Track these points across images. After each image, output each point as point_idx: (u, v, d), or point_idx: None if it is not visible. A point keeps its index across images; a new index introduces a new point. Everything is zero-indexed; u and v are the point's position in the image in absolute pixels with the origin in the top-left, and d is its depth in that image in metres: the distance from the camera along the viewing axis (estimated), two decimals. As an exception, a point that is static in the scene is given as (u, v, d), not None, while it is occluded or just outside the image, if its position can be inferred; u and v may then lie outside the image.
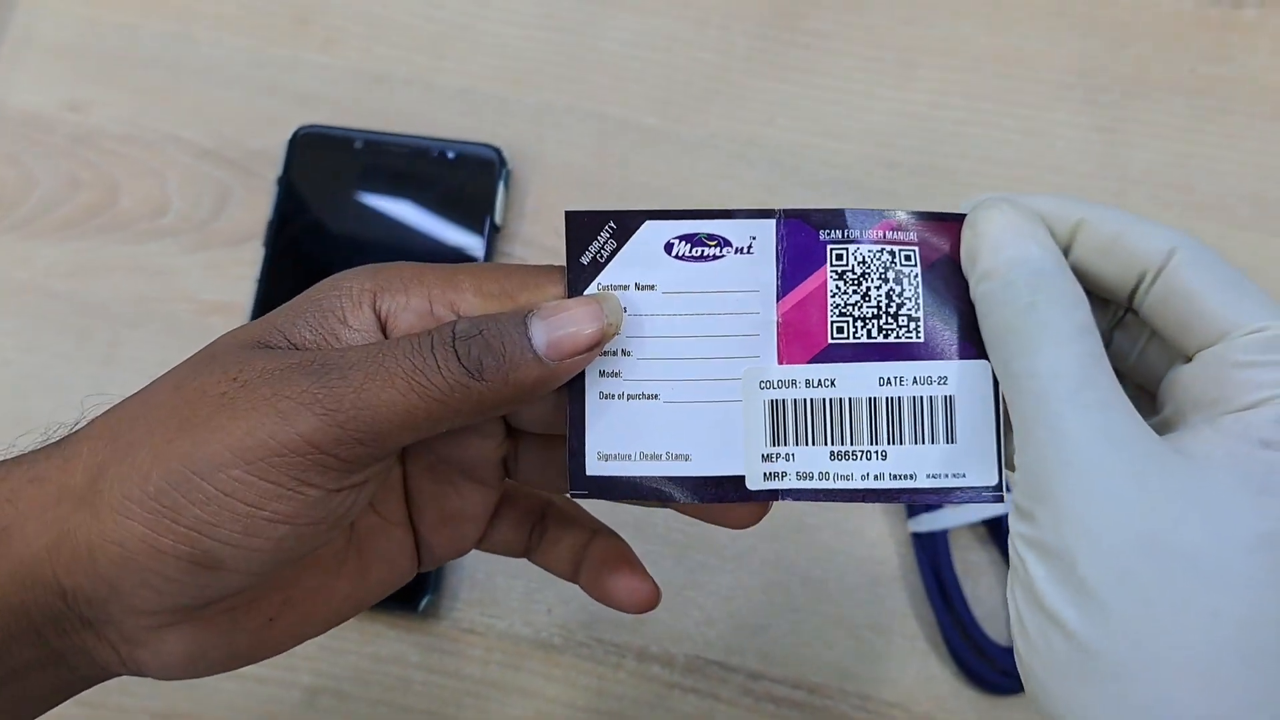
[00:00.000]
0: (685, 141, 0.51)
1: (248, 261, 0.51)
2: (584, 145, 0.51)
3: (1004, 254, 0.25)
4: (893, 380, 0.27)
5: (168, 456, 0.24)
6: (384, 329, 0.27)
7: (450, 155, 0.51)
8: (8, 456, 0.27)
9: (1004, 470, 0.26)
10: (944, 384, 0.27)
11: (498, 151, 0.50)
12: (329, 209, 0.51)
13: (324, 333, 0.26)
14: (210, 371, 0.26)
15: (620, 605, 0.32)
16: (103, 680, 0.28)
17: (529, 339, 0.25)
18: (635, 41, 0.53)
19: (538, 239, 0.51)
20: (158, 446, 0.24)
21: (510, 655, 0.46)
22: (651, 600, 0.31)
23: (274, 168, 0.51)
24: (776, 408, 0.27)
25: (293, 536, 0.25)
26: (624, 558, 0.32)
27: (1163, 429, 0.26)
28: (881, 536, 0.46)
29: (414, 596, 0.45)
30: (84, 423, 0.27)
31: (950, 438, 0.27)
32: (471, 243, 0.49)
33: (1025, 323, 0.24)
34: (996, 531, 0.45)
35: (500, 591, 0.46)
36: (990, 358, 0.26)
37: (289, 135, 0.51)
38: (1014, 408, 0.24)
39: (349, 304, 0.27)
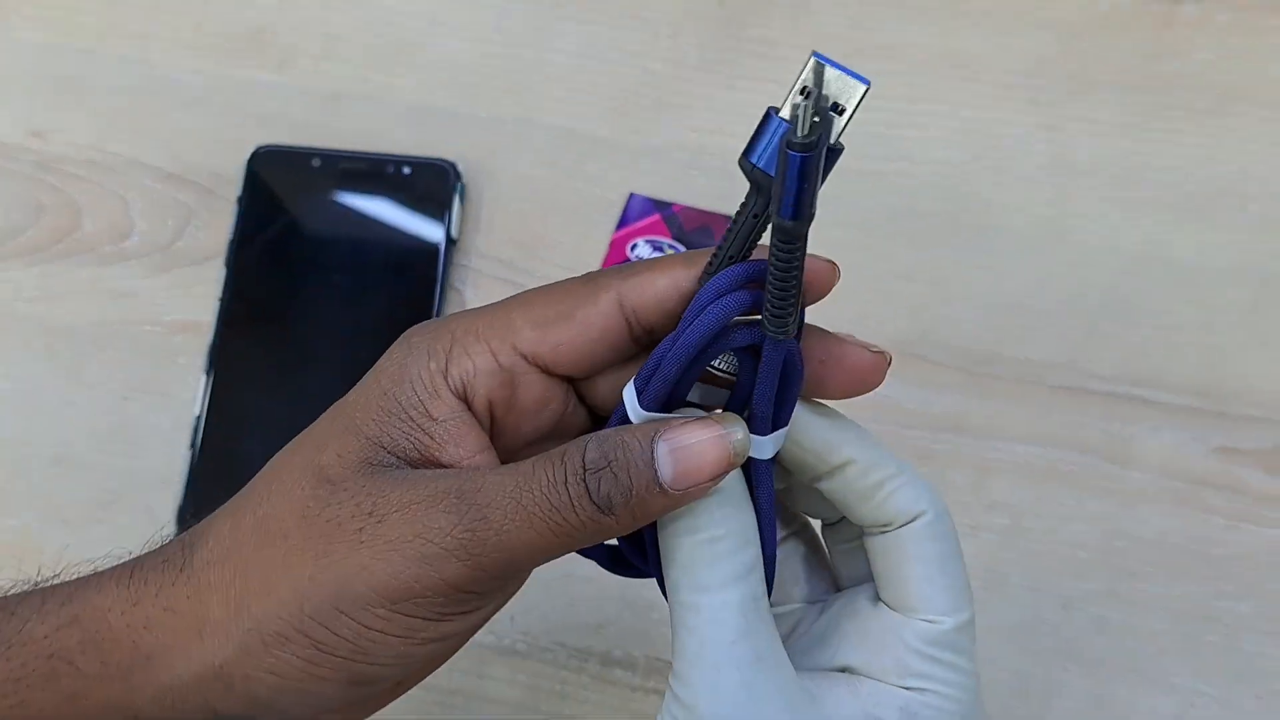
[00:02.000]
0: (638, 151, 0.52)
1: (211, 281, 0.51)
2: (537, 157, 0.52)
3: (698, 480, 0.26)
4: None
5: (313, 594, 0.26)
6: (467, 401, 0.28)
7: (406, 170, 0.51)
8: (120, 564, 0.28)
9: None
10: None
11: (452, 166, 0.51)
12: (289, 226, 0.52)
13: (419, 436, 0.27)
14: (338, 502, 0.26)
15: None
16: None
17: (655, 471, 0.26)
18: (585, 53, 0.53)
19: (493, 251, 0.51)
20: (300, 583, 0.26)
21: (475, 662, 0.47)
22: None
23: (234, 188, 0.52)
24: None
25: (438, 650, 0.27)
26: None
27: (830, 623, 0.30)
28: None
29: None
30: (193, 539, 0.28)
31: None
32: (429, 256, 0.50)
33: (700, 555, 0.27)
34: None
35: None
36: (664, 575, 0.28)
37: (248, 155, 0.52)
38: (679, 635, 0.27)
39: (426, 394, 0.27)
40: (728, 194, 0.51)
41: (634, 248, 0.50)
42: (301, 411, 0.48)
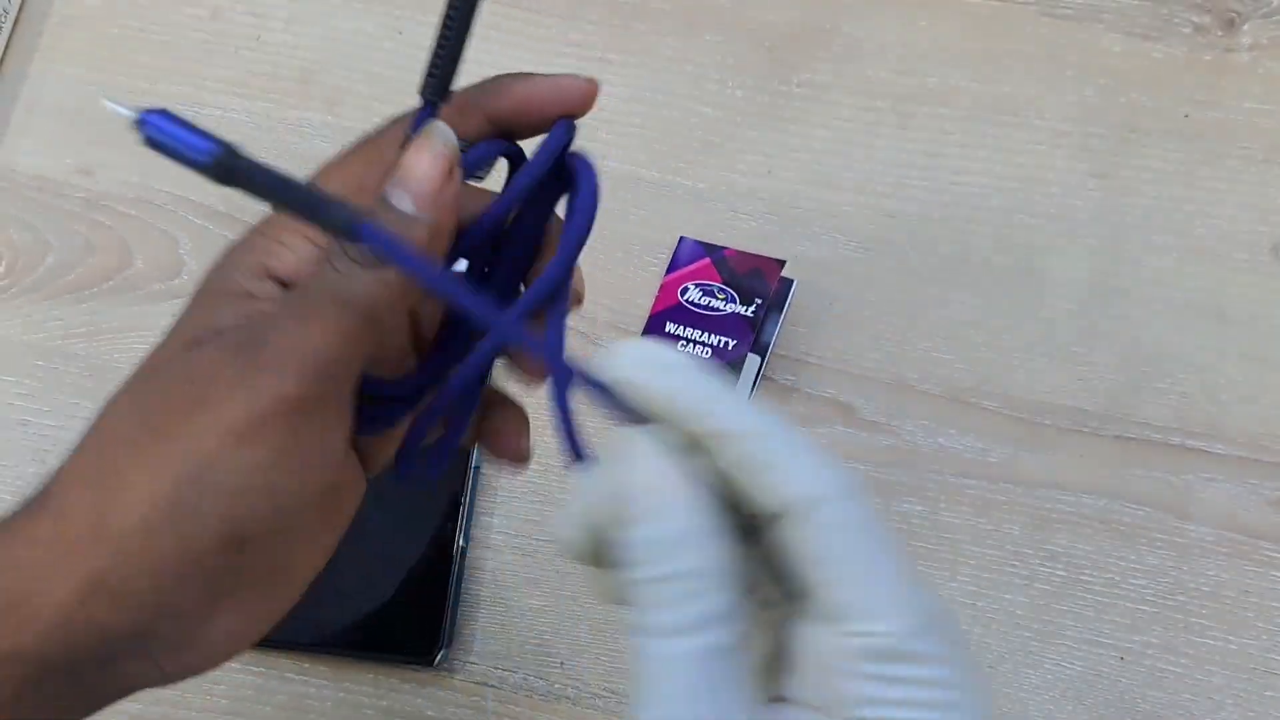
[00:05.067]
0: (685, 194, 0.52)
1: (258, 320, 0.51)
2: (587, 200, 0.52)
3: (642, 529, 0.23)
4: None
5: (165, 467, 0.26)
6: (286, 282, 0.29)
7: (455, 212, 0.51)
8: None
9: None
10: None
11: (502, 208, 0.51)
12: (337, 266, 0.51)
13: (241, 312, 0.28)
14: (162, 384, 0.27)
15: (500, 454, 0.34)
16: (126, 695, 0.29)
17: (396, 208, 0.27)
18: (635, 96, 0.53)
19: (543, 293, 0.51)
20: (149, 464, 0.26)
21: (525, 708, 0.46)
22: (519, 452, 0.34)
23: (283, 227, 0.52)
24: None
25: (309, 483, 0.27)
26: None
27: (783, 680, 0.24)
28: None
29: (429, 650, 0.46)
30: (48, 479, 0.28)
31: None
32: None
33: (642, 650, 0.23)
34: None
35: (514, 645, 0.47)
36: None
37: (297, 195, 0.52)
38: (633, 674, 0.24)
39: (246, 278, 0.28)
40: (776, 237, 0.51)
41: (684, 291, 0.50)
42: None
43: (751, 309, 0.49)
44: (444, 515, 0.48)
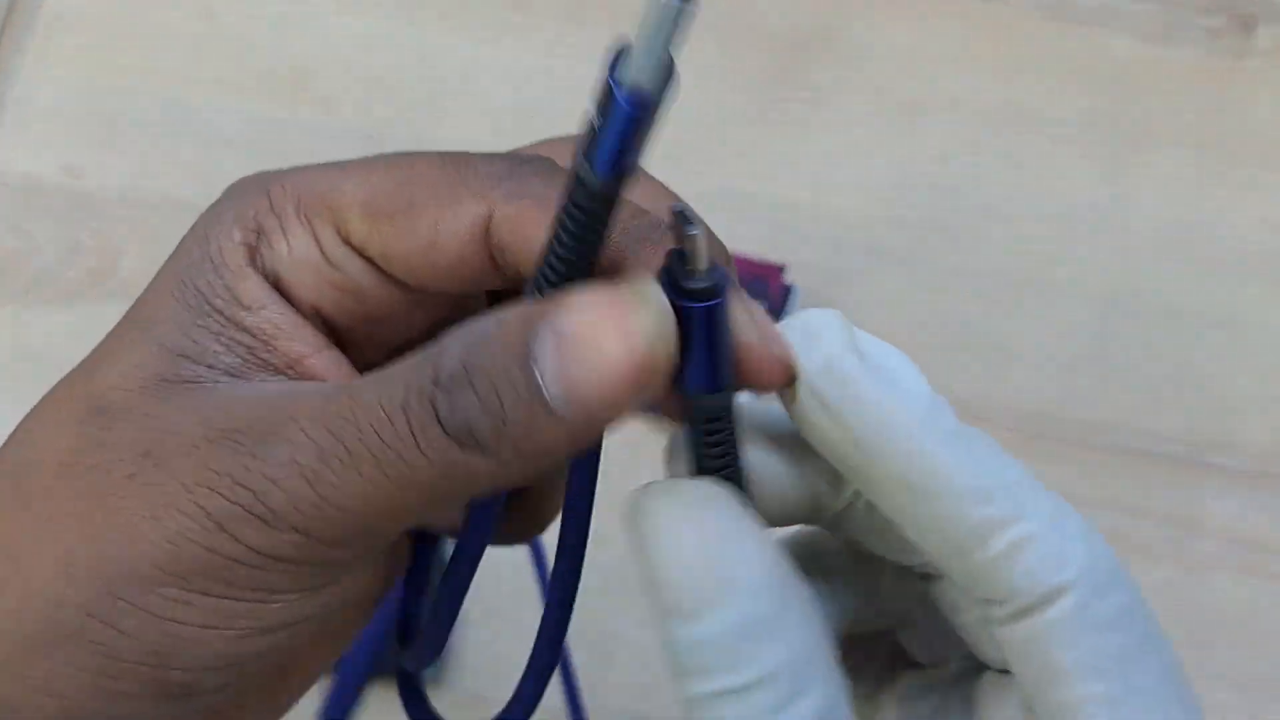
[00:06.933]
0: (687, 197, 0.51)
1: (250, 325, 0.51)
2: (586, 204, 0.51)
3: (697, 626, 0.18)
4: None
5: (78, 575, 0.18)
6: (281, 290, 0.20)
7: (452, 215, 0.51)
8: None
9: None
10: None
11: (499, 211, 0.50)
12: (331, 270, 0.51)
13: (233, 333, 0.20)
14: (113, 440, 0.19)
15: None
16: None
17: (538, 380, 0.16)
18: (636, 99, 0.53)
19: (541, 299, 0.51)
20: (60, 562, 0.18)
21: (519, 722, 0.46)
22: None
23: (275, 230, 0.51)
24: None
25: (279, 644, 0.19)
26: None
27: None
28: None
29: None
30: None
31: None
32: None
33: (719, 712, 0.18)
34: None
35: (504, 659, 0.46)
36: None
37: (290, 197, 0.51)
38: None
39: (232, 278, 0.20)
40: (780, 242, 0.50)
41: (685, 298, 0.49)
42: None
43: None
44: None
